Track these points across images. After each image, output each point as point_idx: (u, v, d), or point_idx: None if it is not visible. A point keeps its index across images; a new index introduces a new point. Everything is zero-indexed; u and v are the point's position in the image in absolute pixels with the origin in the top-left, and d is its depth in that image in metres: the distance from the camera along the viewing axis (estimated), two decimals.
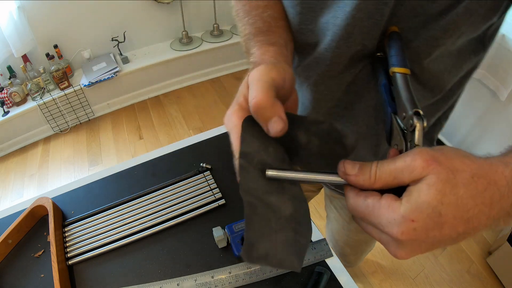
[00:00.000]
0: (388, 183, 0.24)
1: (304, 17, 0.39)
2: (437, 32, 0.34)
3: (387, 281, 1.35)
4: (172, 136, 2.07)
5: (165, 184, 0.63)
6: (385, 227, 0.23)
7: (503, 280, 1.30)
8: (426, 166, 0.22)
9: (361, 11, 0.34)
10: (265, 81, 0.26)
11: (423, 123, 0.27)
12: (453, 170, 0.22)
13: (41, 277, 0.51)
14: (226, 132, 0.82)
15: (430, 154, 0.22)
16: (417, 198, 0.22)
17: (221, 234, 0.52)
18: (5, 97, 1.87)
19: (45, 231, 0.57)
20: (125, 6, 2.08)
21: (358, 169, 0.25)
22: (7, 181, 1.86)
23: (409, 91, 0.30)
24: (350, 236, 0.79)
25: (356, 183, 0.25)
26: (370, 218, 0.24)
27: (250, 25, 0.39)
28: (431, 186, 0.21)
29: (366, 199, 0.24)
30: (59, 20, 1.94)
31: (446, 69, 0.41)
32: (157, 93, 2.38)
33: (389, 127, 0.32)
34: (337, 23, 0.36)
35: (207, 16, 2.38)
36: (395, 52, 0.34)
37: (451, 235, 0.22)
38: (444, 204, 0.21)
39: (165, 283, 0.49)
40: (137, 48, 2.32)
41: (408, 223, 0.21)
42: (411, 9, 0.34)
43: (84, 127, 2.16)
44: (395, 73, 0.33)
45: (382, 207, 0.23)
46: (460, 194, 0.21)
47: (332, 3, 0.36)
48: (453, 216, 0.21)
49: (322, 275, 0.49)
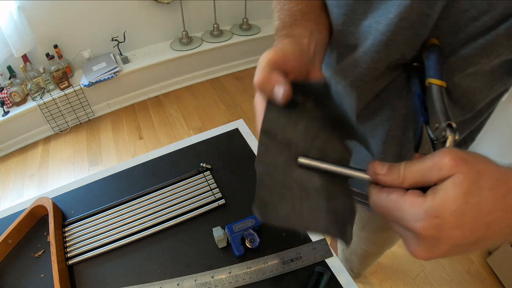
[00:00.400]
0: (416, 181, 0.24)
1: (347, 19, 0.39)
2: (475, 50, 0.34)
3: (387, 281, 1.35)
4: (172, 136, 2.07)
5: (165, 184, 0.63)
6: (408, 222, 0.23)
7: (503, 280, 1.30)
8: (454, 165, 0.22)
9: (404, 20, 0.33)
10: (260, 63, 0.29)
11: (455, 136, 0.27)
12: (479, 172, 0.22)
13: (41, 277, 0.51)
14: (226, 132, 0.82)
15: (458, 154, 0.22)
16: (442, 195, 0.22)
17: (221, 234, 0.52)
18: (5, 97, 1.87)
19: (45, 231, 0.57)
20: (125, 6, 2.08)
21: (387, 169, 0.25)
22: (7, 181, 1.86)
23: (444, 103, 0.31)
24: (359, 245, 0.79)
25: (385, 182, 0.25)
26: (394, 213, 0.24)
27: (279, 20, 0.39)
28: (458, 185, 0.21)
29: (389, 194, 0.24)
30: (59, 20, 1.94)
31: (478, 87, 0.40)
32: (157, 93, 2.38)
33: (419, 136, 0.32)
34: (379, 28, 0.36)
35: (207, 16, 2.38)
36: (434, 64, 0.34)
37: (470, 238, 0.22)
38: (468, 204, 0.21)
39: (165, 283, 0.49)
40: (137, 48, 2.33)
41: (431, 219, 0.21)
42: (454, 25, 0.34)
43: (84, 127, 2.16)
44: (431, 84, 0.33)
45: (406, 201, 0.23)
46: (483, 196, 0.21)
47: (376, 8, 0.36)
48: (475, 217, 0.21)
49: (322, 275, 0.49)
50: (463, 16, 0.32)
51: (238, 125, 0.74)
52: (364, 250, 0.80)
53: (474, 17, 0.31)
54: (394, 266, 1.40)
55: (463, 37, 0.34)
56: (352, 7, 0.38)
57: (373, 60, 0.39)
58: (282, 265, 0.50)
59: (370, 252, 0.80)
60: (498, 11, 0.30)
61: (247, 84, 2.48)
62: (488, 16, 0.31)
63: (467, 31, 0.33)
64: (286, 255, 0.51)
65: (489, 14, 0.30)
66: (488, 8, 0.30)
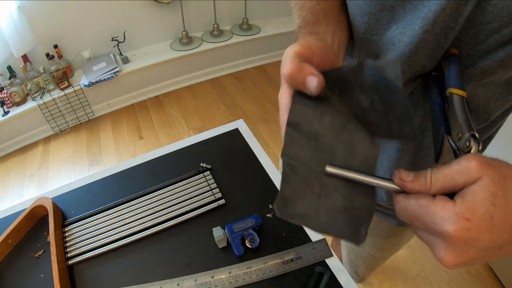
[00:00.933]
0: (444, 186, 0.24)
1: (371, 28, 0.39)
2: (494, 62, 0.34)
3: (387, 281, 1.35)
4: (172, 136, 2.07)
5: (165, 184, 0.63)
6: (438, 225, 0.23)
7: (503, 280, 1.30)
8: (481, 168, 0.22)
9: (427, 33, 0.34)
10: (287, 56, 0.29)
11: (479, 146, 0.27)
12: (504, 175, 0.22)
13: (41, 277, 0.51)
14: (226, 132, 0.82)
15: (484, 158, 0.23)
16: (471, 198, 0.22)
17: (221, 234, 0.52)
18: (5, 97, 1.87)
19: (45, 231, 0.57)
20: (125, 6, 2.08)
21: (413, 176, 0.25)
22: (7, 181, 1.86)
23: (466, 113, 0.31)
24: (365, 249, 0.79)
25: (412, 189, 0.25)
26: (423, 217, 0.24)
27: (301, 17, 0.39)
28: (485, 188, 0.22)
29: (418, 200, 0.24)
30: (59, 20, 1.94)
31: (493, 96, 0.41)
32: (157, 93, 2.38)
33: (440, 145, 0.32)
34: (404, 40, 0.36)
35: (207, 16, 2.38)
36: (454, 74, 0.34)
37: (497, 242, 0.22)
38: (496, 207, 0.22)
39: (165, 283, 0.49)
40: (137, 48, 2.33)
41: (462, 221, 0.22)
42: (475, 36, 0.34)
43: (84, 127, 2.16)
44: (452, 94, 0.33)
45: (437, 205, 0.23)
46: (509, 198, 0.22)
47: (400, 19, 0.36)
48: (503, 220, 0.22)
49: (322, 275, 0.49)
50: (485, 28, 0.32)
51: (238, 125, 0.74)
52: (370, 254, 0.79)
53: (495, 29, 0.32)
54: (394, 266, 1.40)
55: (483, 48, 0.34)
56: (376, 16, 0.38)
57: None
58: (282, 265, 0.50)
59: (376, 257, 0.80)
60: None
61: (247, 84, 2.48)
62: (508, 29, 0.31)
63: (487, 43, 0.33)
64: (286, 255, 0.51)
65: (510, 27, 0.30)
66: (510, 21, 0.30)
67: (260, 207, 0.58)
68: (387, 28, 0.38)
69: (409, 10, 0.35)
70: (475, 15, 0.32)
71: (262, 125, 2.11)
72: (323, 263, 0.51)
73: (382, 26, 0.38)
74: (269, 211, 0.58)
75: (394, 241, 0.72)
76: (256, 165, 0.66)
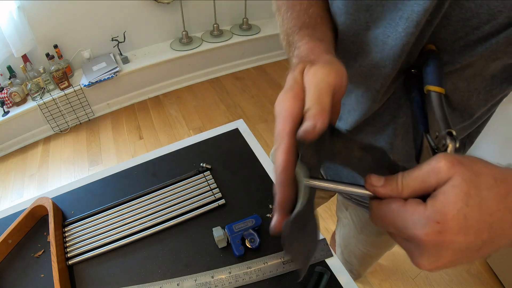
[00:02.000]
0: (415, 189, 0.23)
1: (348, 28, 0.39)
2: (474, 57, 0.34)
3: (387, 281, 1.35)
4: (172, 136, 2.07)
5: (165, 184, 0.63)
6: (409, 230, 0.22)
7: (503, 280, 1.30)
8: (451, 167, 0.22)
9: (412, 34, 0.33)
10: (323, 88, 0.26)
11: (456, 144, 0.27)
12: (476, 172, 0.22)
13: (41, 277, 0.51)
14: (226, 132, 0.82)
15: (454, 157, 0.22)
16: (442, 199, 0.21)
17: (221, 234, 0.53)
18: (5, 97, 1.87)
19: (45, 231, 0.57)
20: (125, 6, 2.08)
21: (384, 180, 0.25)
22: (7, 181, 1.86)
23: (443, 110, 0.30)
24: (358, 247, 0.79)
25: (384, 193, 0.25)
26: (396, 222, 0.23)
27: (294, 18, 0.38)
28: (456, 187, 0.21)
29: (390, 205, 0.24)
30: (59, 20, 1.94)
31: (476, 90, 0.40)
32: (157, 93, 2.38)
33: (420, 145, 0.32)
34: (388, 42, 0.35)
35: (207, 16, 2.38)
36: (432, 70, 0.33)
37: (475, 242, 0.21)
38: (469, 206, 0.21)
39: (165, 283, 0.49)
40: (137, 48, 2.33)
41: (433, 225, 0.21)
42: (453, 33, 0.33)
43: (84, 127, 2.16)
44: (430, 91, 0.32)
45: (407, 210, 0.23)
46: (483, 196, 0.21)
47: (379, 19, 0.35)
48: (477, 219, 0.21)
49: (322, 275, 0.49)
50: (464, 25, 0.32)
51: (238, 125, 0.74)
52: (363, 252, 0.79)
53: (474, 26, 0.31)
54: (394, 266, 1.40)
55: (462, 44, 0.33)
56: (353, 17, 0.37)
57: (376, 71, 0.39)
58: (282, 265, 0.50)
59: (369, 254, 0.80)
60: (499, 21, 0.30)
61: (247, 84, 2.48)
62: (488, 25, 0.30)
63: (466, 39, 0.33)
64: (286, 255, 0.51)
65: (490, 23, 0.30)
66: (489, 17, 0.30)
67: (260, 207, 0.58)
68: (366, 29, 0.37)
69: (387, 9, 0.34)
70: (454, 12, 0.31)
71: (262, 125, 2.11)
72: (323, 263, 0.51)
73: (360, 27, 0.38)
74: (269, 211, 0.58)
75: (387, 239, 0.72)
76: (256, 165, 0.66)
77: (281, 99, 0.27)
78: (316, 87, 0.26)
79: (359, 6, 0.36)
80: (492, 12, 0.29)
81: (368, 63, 0.39)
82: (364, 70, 0.41)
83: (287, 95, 0.27)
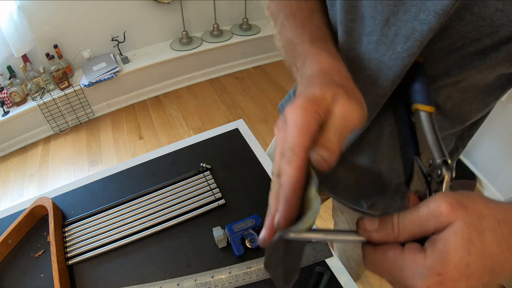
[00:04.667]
0: (413, 233, 0.22)
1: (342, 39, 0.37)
2: (470, 71, 0.32)
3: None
4: (172, 136, 2.07)
5: (165, 184, 0.63)
6: (409, 280, 0.21)
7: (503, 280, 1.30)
8: (452, 211, 0.20)
9: (414, 55, 0.31)
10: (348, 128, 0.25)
11: (452, 174, 0.25)
12: (479, 215, 0.21)
13: (41, 277, 0.51)
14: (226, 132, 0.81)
15: (455, 199, 0.21)
16: (443, 248, 0.20)
17: (221, 234, 0.52)
18: (5, 97, 1.87)
19: (45, 231, 0.57)
20: (125, 6, 2.08)
21: (378, 224, 0.23)
22: (7, 181, 1.86)
23: (435, 134, 0.28)
24: (356, 252, 0.79)
25: (379, 239, 0.23)
26: (393, 272, 0.22)
27: (298, 28, 0.36)
28: (458, 234, 0.20)
29: (386, 253, 0.23)
30: (59, 20, 1.94)
31: (469, 99, 0.39)
32: (157, 93, 2.38)
33: (410, 169, 0.30)
34: (384, 61, 0.34)
35: (207, 16, 2.38)
36: (420, 87, 0.32)
37: (476, 286, 0.21)
38: (471, 254, 0.20)
39: (165, 283, 0.49)
40: (137, 48, 2.33)
41: (434, 277, 0.20)
42: (449, 45, 0.32)
43: (84, 127, 2.16)
44: (418, 110, 0.30)
45: (406, 259, 0.22)
46: (486, 241, 0.20)
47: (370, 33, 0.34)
48: (479, 266, 0.20)
49: (322, 275, 0.49)
50: (462, 37, 0.30)
51: (238, 125, 0.74)
52: (360, 255, 0.79)
53: (474, 39, 0.30)
54: None
55: (458, 55, 0.32)
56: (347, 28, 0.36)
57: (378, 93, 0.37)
58: None
59: None
60: (501, 34, 0.28)
61: (247, 84, 2.48)
62: (489, 38, 0.29)
63: (463, 51, 0.31)
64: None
65: (491, 36, 0.29)
66: (492, 30, 0.28)
67: (260, 207, 0.58)
68: (359, 42, 0.35)
69: (379, 23, 0.32)
70: (452, 25, 0.29)
71: (262, 125, 2.11)
72: (323, 263, 0.51)
73: (354, 39, 0.36)
74: None
75: None
76: (256, 165, 0.66)
77: (303, 107, 0.24)
78: (344, 126, 0.25)
79: (354, 15, 0.34)
80: (494, 25, 0.28)
81: (363, 81, 0.37)
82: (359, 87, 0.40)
83: (310, 106, 0.25)
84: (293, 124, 0.24)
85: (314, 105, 0.25)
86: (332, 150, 0.24)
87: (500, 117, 1.41)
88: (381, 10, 0.31)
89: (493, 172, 1.55)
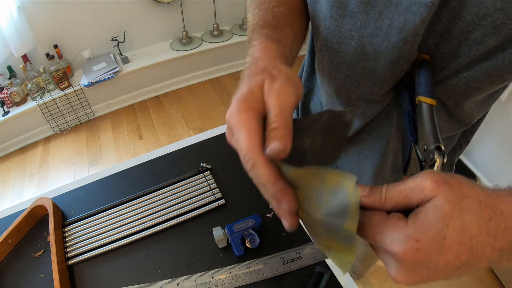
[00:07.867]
0: (398, 203, 0.23)
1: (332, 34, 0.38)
2: (479, 74, 0.33)
3: (387, 281, 1.35)
4: (172, 136, 2.07)
5: (165, 184, 0.63)
6: (388, 245, 0.22)
7: (503, 280, 1.30)
8: (436, 187, 0.21)
9: (408, 43, 0.32)
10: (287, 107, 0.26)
11: (443, 159, 0.27)
12: (462, 195, 0.21)
13: (41, 277, 0.51)
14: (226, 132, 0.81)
15: (441, 176, 0.22)
16: (423, 218, 0.21)
17: (221, 234, 0.52)
18: (5, 97, 1.87)
19: (45, 231, 0.57)
20: (125, 6, 2.08)
21: (368, 191, 0.25)
22: (7, 181, 1.86)
23: (433, 123, 0.30)
24: (359, 248, 0.79)
25: (367, 203, 0.25)
26: (375, 236, 0.24)
27: (259, 16, 0.38)
28: (439, 208, 0.21)
29: (372, 217, 0.24)
30: (59, 20, 1.94)
31: (476, 106, 0.40)
32: (157, 93, 2.38)
33: (408, 156, 0.32)
34: (380, 50, 0.35)
35: (207, 16, 2.38)
36: (424, 81, 0.33)
37: (454, 263, 0.21)
38: (449, 228, 0.21)
39: (165, 283, 0.49)
40: (137, 48, 2.33)
41: (411, 242, 0.21)
42: (456, 48, 0.32)
43: (84, 127, 2.16)
44: (421, 102, 0.32)
45: (388, 224, 0.23)
46: (466, 219, 0.21)
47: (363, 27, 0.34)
48: (458, 241, 0.21)
49: (322, 275, 0.49)
50: (467, 38, 0.31)
51: None
52: (364, 252, 0.79)
53: (477, 40, 0.30)
54: None
55: (466, 61, 0.32)
56: (337, 22, 0.36)
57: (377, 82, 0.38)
58: (282, 265, 0.50)
59: (370, 254, 0.80)
60: (504, 33, 0.28)
61: None
62: (492, 39, 0.29)
63: (470, 55, 0.32)
64: (286, 255, 0.51)
65: (494, 36, 0.29)
66: (493, 30, 0.29)
67: (260, 207, 0.58)
68: (350, 38, 0.36)
69: (372, 16, 0.33)
70: (454, 26, 0.30)
71: None
72: (323, 263, 0.51)
73: (343, 34, 0.36)
74: (269, 211, 0.58)
75: None
76: None
77: (236, 110, 0.26)
78: (281, 106, 0.26)
79: (344, 11, 0.35)
80: (495, 24, 0.28)
81: (360, 71, 0.38)
82: (356, 78, 0.40)
83: (243, 106, 0.26)
84: (237, 131, 0.26)
85: (246, 104, 0.26)
86: (280, 136, 0.25)
87: (500, 117, 1.41)
88: (374, 4, 0.32)
89: (493, 172, 1.55)
